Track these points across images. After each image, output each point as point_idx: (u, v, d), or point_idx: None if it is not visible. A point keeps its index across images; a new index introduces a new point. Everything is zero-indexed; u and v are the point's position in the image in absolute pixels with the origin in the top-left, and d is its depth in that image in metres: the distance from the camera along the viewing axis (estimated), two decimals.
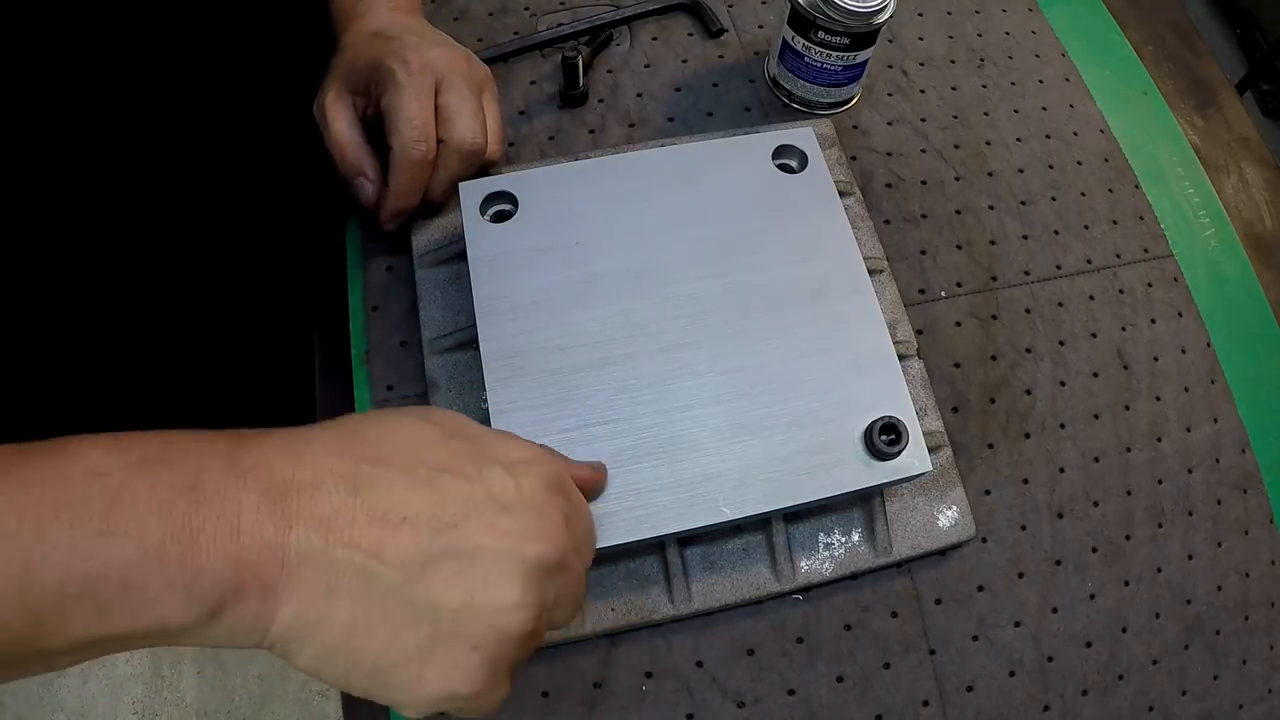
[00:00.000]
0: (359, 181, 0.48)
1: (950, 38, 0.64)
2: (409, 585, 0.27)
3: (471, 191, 0.46)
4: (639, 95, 0.59)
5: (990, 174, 0.58)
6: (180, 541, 0.24)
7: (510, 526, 0.29)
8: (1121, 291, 0.55)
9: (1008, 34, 0.64)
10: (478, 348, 0.42)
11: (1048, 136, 0.60)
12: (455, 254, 0.49)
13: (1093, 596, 0.47)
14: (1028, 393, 0.51)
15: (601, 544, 0.38)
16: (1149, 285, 0.55)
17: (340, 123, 0.47)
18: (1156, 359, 0.53)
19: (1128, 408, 0.52)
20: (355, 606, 0.27)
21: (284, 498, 0.26)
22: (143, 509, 0.24)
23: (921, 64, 0.62)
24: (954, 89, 0.61)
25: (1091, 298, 0.55)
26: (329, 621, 0.26)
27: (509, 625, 0.28)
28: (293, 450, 0.28)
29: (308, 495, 0.27)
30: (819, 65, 0.55)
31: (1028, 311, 0.54)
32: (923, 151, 0.58)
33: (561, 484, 0.33)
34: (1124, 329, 0.54)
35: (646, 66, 0.60)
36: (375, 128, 0.48)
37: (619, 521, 0.39)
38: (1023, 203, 0.57)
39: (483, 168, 0.49)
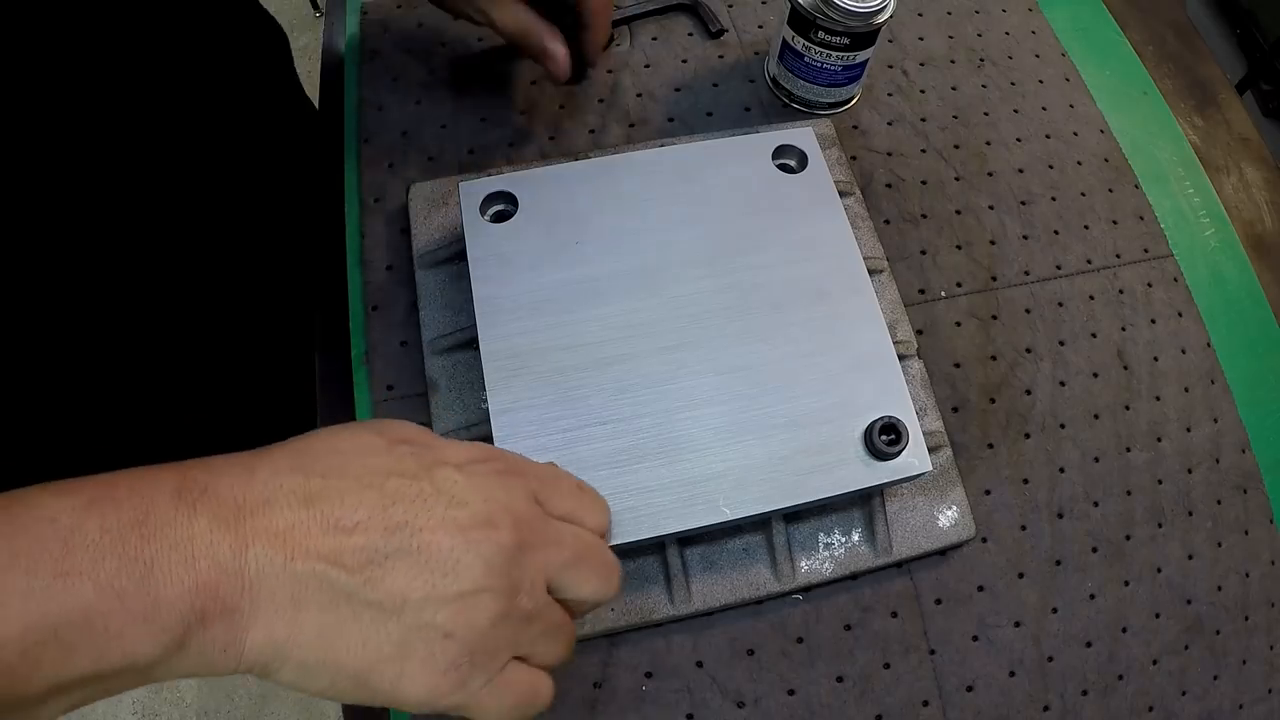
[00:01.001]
0: (552, 59, 0.50)
1: (950, 38, 0.64)
2: (370, 587, 0.27)
3: (471, 191, 0.46)
4: (639, 95, 0.59)
5: (990, 174, 0.58)
6: (135, 575, 0.25)
7: (459, 517, 0.29)
8: (1121, 291, 0.55)
9: (1008, 34, 0.64)
10: (478, 348, 0.42)
11: (1048, 136, 0.60)
12: (455, 254, 0.49)
13: (1093, 596, 0.47)
14: (1028, 393, 0.51)
15: None
16: (1149, 285, 0.55)
17: (518, 14, 0.49)
18: (1156, 359, 0.53)
19: (1128, 408, 0.52)
20: (323, 616, 0.27)
21: (237, 519, 0.27)
22: (94, 548, 0.25)
23: (921, 64, 0.62)
24: (954, 89, 0.61)
25: (1091, 298, 0.55)
26: (300, 636, 0.27)
27: (477, 610, 0.28)
28: (241, 473, 0.28)
29: (260, 513, 0.27)
30: (819, 65, 0.55)
31: (1028, 311, 0.54)
32: (923, 151, 0.58)
33: (516, 469, 0.33)
34: (1124, 329, 0.54)
35: (646, 66, 0.60)
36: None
37: (619, 521, 0.39)
38: (1023, 203, 0.57)
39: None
